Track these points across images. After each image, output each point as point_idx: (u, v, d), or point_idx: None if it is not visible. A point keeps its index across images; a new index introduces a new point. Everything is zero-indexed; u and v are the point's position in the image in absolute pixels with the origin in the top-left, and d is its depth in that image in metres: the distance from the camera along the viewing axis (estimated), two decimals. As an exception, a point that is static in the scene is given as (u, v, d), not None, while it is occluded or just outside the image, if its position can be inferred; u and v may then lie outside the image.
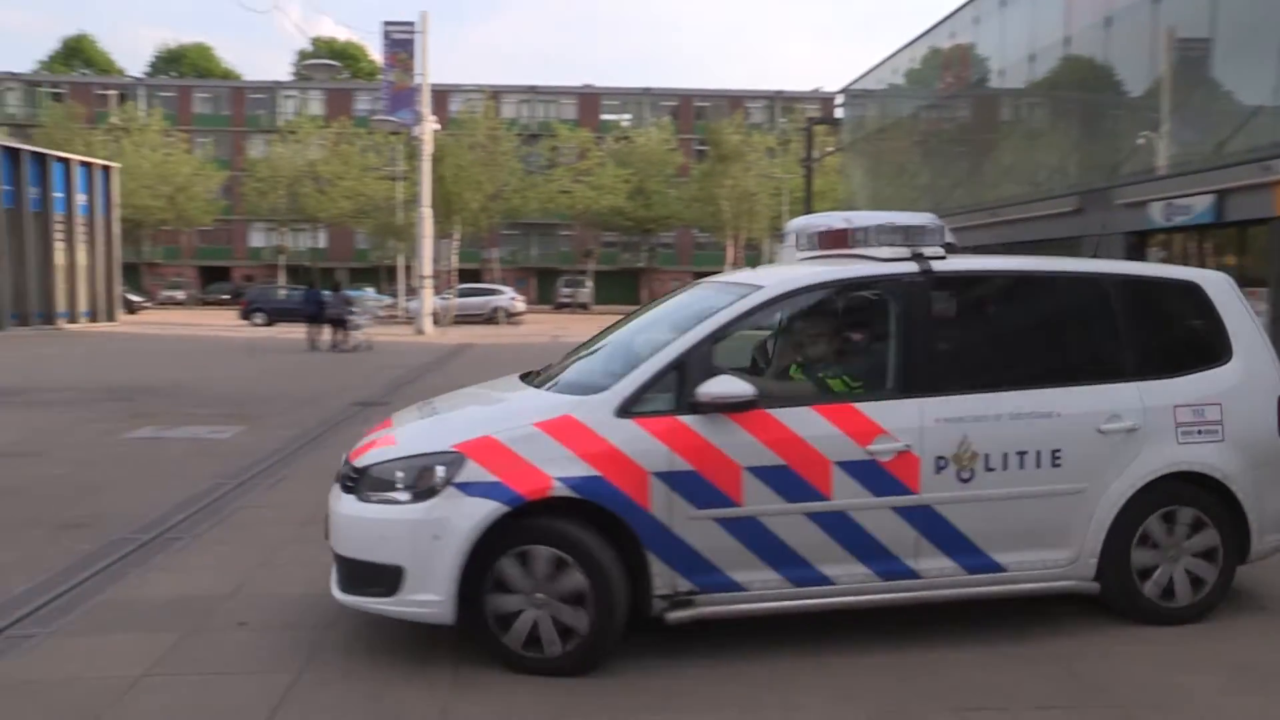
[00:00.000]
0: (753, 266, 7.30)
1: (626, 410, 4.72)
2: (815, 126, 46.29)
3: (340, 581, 4.89)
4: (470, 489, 4.54)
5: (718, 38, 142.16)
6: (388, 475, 4.72)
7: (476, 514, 4.50)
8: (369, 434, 5.48)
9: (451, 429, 4.95)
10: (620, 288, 69.66)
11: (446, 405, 5.56)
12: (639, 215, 67.99)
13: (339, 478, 5.07)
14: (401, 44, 35.30)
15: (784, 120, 73.43)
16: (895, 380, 5.05)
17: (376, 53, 43.35)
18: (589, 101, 78.31)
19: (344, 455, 5.25)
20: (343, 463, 5.14)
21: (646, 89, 78.33)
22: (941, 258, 5.27)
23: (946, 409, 4.94)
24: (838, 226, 5.77)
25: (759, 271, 5.99)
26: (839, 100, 45.13)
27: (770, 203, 62.56)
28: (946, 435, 4.90)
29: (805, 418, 4.81)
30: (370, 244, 69.04)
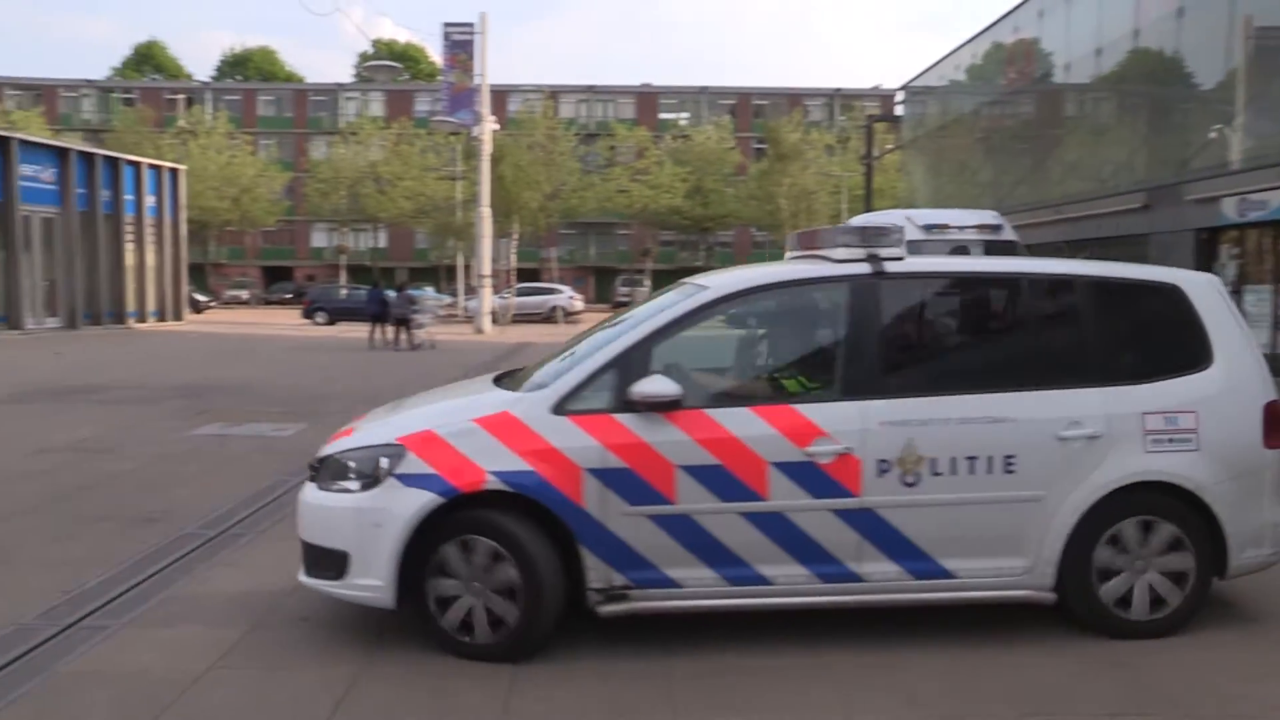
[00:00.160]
0: None
1: (562, 408, 4.84)
2: (875, 124, 45.80)
3: (303, 565, 5.11)
4: (409, 480, 4.74)
5: (777, 35, 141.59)
6: (341, 465, 4.96)
7: (414, 504, 4.69)
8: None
9: (400, 423, 5.13)
10: (678, 287, 69.49)
11: (412, 402, 5.77)
12: (696, 214, 67.91)
13: (308, 467, 5.25)
14: (461, 45, 35.55)
15: (843, 118, 72.90)
16: (841, 381, 5.02)
17: (436, 54, 43.61)
18: (647, 100, 78.37)
19: None
20: None
21: (704, 87, 78.20)
22: (898, 259, 5.17)
23: (891, 412, 4.87)
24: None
25: (714, 273, 5.90)
26: (899, 97, 44.64)
27: (829, 201, 62.08)
28: (890, 438, 4.83)
29: (742, 418, 4.84)
30: (430, 244, 69.70)
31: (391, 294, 28.00)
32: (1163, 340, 5.36)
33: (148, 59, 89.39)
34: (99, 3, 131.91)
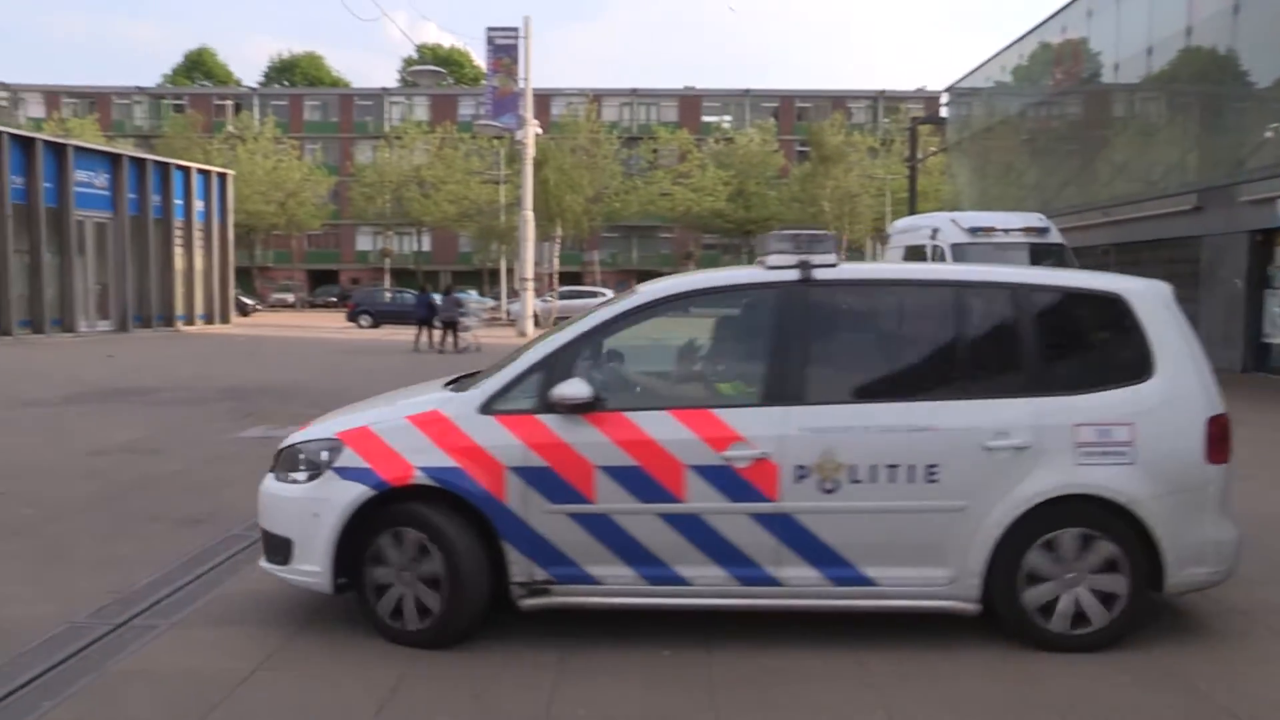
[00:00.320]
0: None
1: (489, 408, 5.01)
2: (919, 126, 45.46)
3: (263, 551, 5.38)
4: (345, 473, 4.99)
5: (821, 37, 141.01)
6: (293, 457, 5.23)
7: (347, 496, 4.93)
8: None
9: (343, 419, 5.39)
10: (720, 290, 69.33)
11: (374, 400, 6.02)
12: (739, 217, 67.71)
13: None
14: (505, 49, 35.70)
15: (887, 120, 72.41)
16: (763, 387, 5.02)
17: (480, 58, 43.87)
18: (690, 103, 78.35)
19: None
20: None
21: (747, 90, 78.07)
22: (830, 265, 5.14)
23: (812, 418, 4.87)
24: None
25: (655, 279, 5.95)
26: (944, 99, 44.27)
27: (873, 203, 61.72)
28: (809, 445, 4.82)
29: (661, 421, 4.92)
30: (473, 247, 70.14)
31: (438, 297, 28.32)
32: (1102, 350, 5.27)
33: (198, 65, 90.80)
34: (152, 11, 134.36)
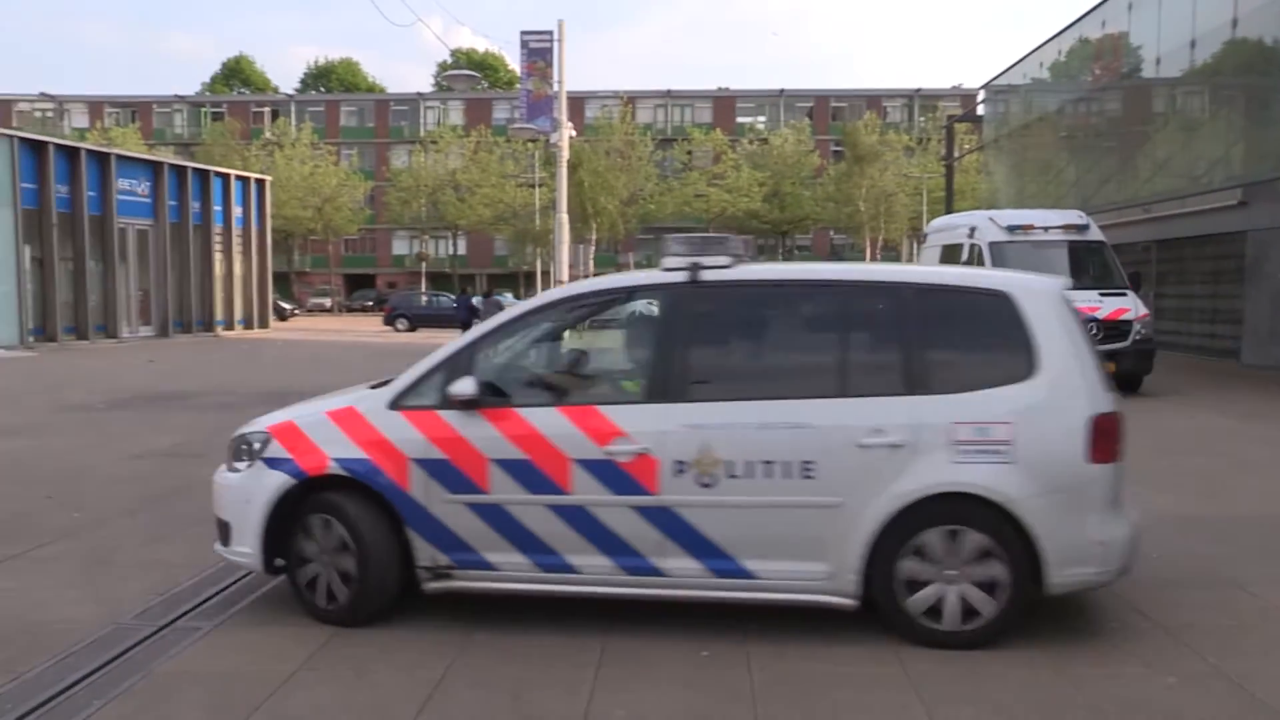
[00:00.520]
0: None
1: (397, 404, 5.36)
2: (956, 124, 45.09)
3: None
4: (272, 463, 5.40)
5: (856, 36, 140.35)
6: (236, 448, 5.62)
7: (273, 484, 5.34)
8: None
9: (276, 414, 5.78)
10: (755, 291, 69.10)
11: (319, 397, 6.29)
12: (774, 218, 67.47)
13: None
14: (539, 52, 35.80)
15: (923, 119, 71.92)
16: (648, 385, 5.22)
17: (515, 62, 44.05)
18: (724, 104, 78.23)
19: None
20: None
21: (782, 90, 77.79)
22: (724, 267, 5.26)
23: (691, 415, 5.02)
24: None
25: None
26: (981, 97, 43.86)
27: (909, 202, 61.34)
28: (687, 440, 4.96)
29: (549, 417, 5.17)
30: (509, 250, 70.47)
31: (478, 300, 28.65)
32: (985, 349, 5.23)
33: (236, 73, 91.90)
34: (191, 20, 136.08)
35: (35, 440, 11.72)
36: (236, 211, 38.73)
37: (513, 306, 5.88)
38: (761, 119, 77.14)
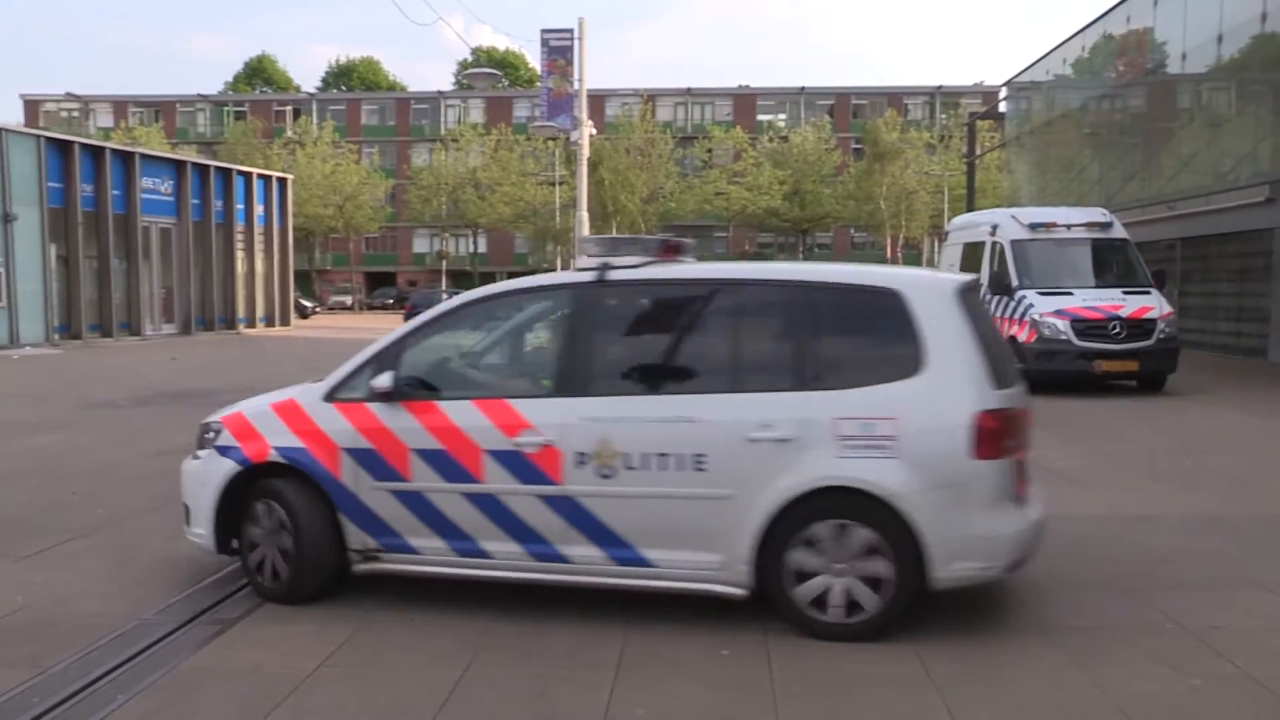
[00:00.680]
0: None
1: (331, 396, 5.68)
2: (977, 121, 44.85)
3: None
4: (223, 451, 5.79)
5: (877, 34, 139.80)
6: (200, 436, 6.01)
7: (222, 470, 5.72)
8: None
9: (230, 407, 6.11)
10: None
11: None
12: (795, 216, 67.32)
13: None
14: (559, 51, 35.83)
15: (944, 116, 71.60)
16: (557, 380, 5.48)
17: (535, 60, 44.09)
18: (744, 102, 78.09)
19: None
20: None
21: (802, 88, 77.56)
22: (631, 267, 5.49)
23: (591, 409, 5.23)
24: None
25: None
26: (1003, 94, 43.58)
27: (930, 200, 61.10)
28: (588, 433, 5.17)
29: (464, 410, 5.41)
30: (529, 248, 70.58)
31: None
32: (874, 346, 5.31)
33: (258, 73, 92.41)
34: (214, 20, 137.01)
35: (61, 437, 11.84)
36: (258, 210, 38.99)
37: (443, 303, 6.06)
38: (782, 116, 76.96)
